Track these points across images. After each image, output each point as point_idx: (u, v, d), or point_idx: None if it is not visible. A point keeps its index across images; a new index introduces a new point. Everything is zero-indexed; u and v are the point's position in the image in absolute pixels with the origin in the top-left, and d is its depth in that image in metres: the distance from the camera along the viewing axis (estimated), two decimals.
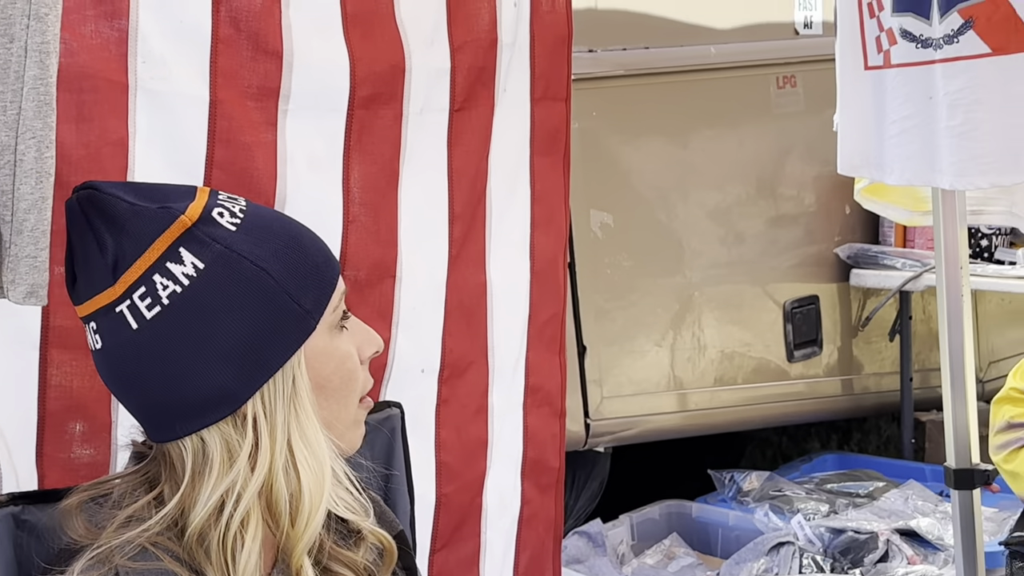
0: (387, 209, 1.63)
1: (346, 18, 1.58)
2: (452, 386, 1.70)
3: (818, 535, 2.92)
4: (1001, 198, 2.18)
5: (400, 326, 1.64)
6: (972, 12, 1.83)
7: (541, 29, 1.74)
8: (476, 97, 1.69)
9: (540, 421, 1.81)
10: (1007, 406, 2.02)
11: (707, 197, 3.33)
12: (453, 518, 1.70)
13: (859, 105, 2.01)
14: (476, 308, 1.71)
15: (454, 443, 1.70)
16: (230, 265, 1.13)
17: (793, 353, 3.45)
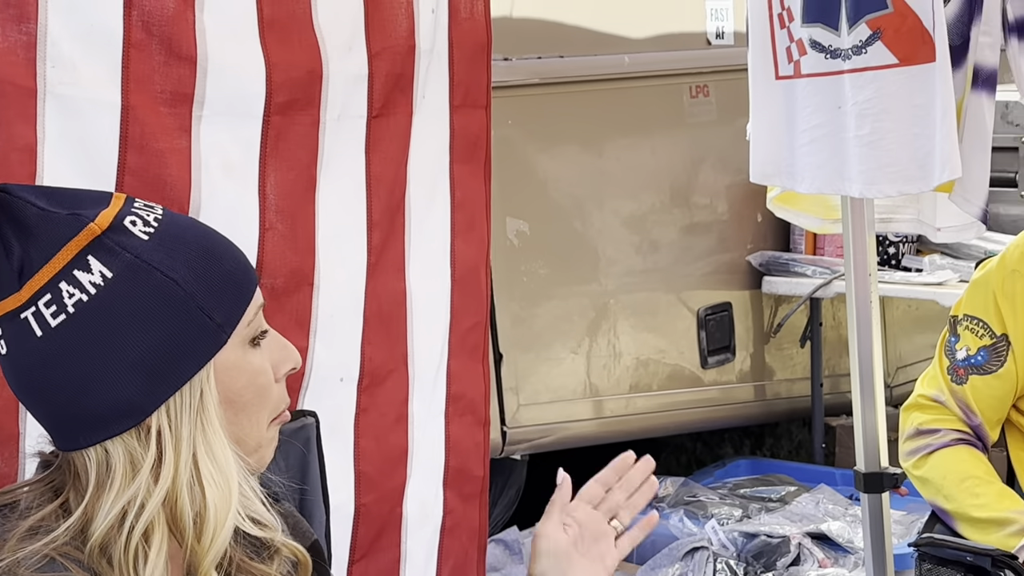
0: (304, 216, 1.62)
1: (262, 23, 1.57)
2: (371, 395, 1.69)
3: (731, 540, 2.96)
4: (908, 206, 2.22)
5: (318, 334, 1.63)
6: (880, 23, 1.88)
7: (460, 36, 1.74)
8: (394, 104, 1.69)
9: (463, 430, 1.80)
10: (915, 413, 2.07)
11: (622, 205, 3.36)
12: (372, 528, 1.69)
13: (770, 114, 2.04)
14: (395, 316, 1.70)
15: (373, 452, 1.69)
16: (139, 275, 1.12)
17: (707, 360, 3.49)
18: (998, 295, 2.02)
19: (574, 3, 3.24)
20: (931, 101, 1.86)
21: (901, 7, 1.87)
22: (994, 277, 2.04)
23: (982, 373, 2.00)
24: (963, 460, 1.99)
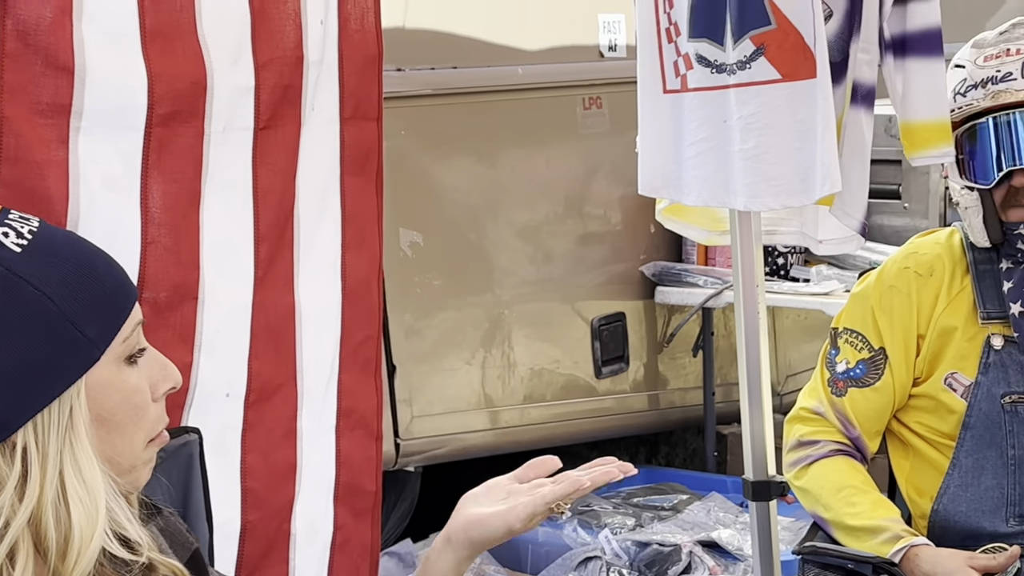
0: (188, 230, 1.60)
1: (144, 33, 1.55)
2: (259, 410, 1.67)
3: (624, 549, 2.99)
4: (792, 219, 2.26)
5: (203, 349, 1.61)
6: (763, 39, 1.91)
7: (350, 47, 1.74)
8: (282, 116, 1.68)
9: (354, 444, 1.79)
10: (797, 425, 2.11)
11: (516, 216, 3.37)
12: (259, 545, 1.68)
13: (658, 127, 2.06)
14: (284, 330, 1.69)
15: (261, 469, 1.68)
16: (9, 288, 1.10)
17: (601, 369, 3.52)
18: (876, 309, 2.07)
19: (468, 14, 3.25)
20: (812, 116, 1.90)
21: (784, 24, 1.91)
22: (872, 292, 2.09)
23: (860, 386, 2.05)
24: (840, 470, 2.03)
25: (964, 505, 2.00)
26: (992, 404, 2.00)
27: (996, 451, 1.99)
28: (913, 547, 1.92)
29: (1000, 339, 2.02)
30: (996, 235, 2.01)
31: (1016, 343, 2.01)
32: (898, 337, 2.05)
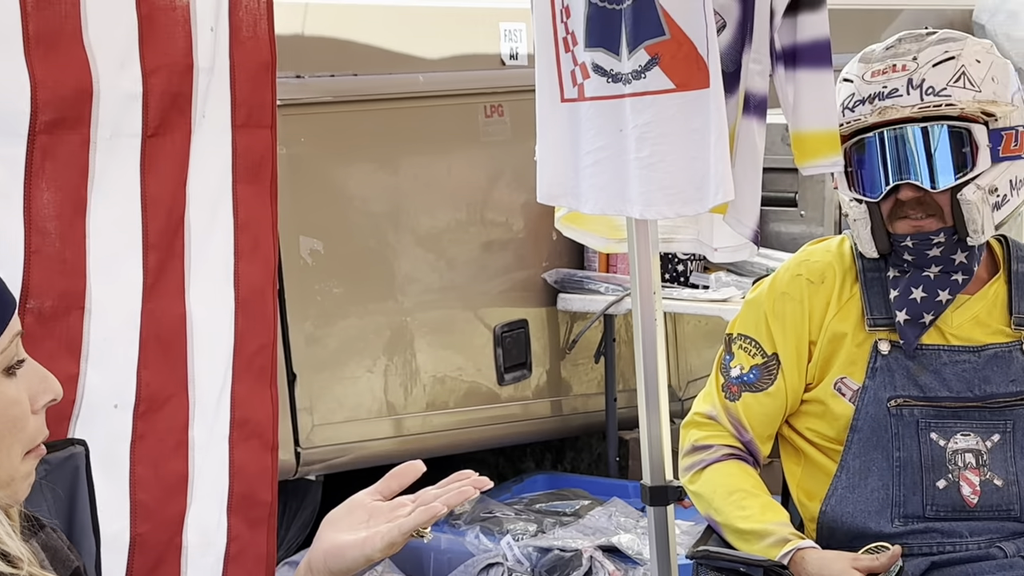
0: (74, 238, 1.57)
1: (27, 38, 1.52)
2: (149, 421, 1.65)
3: (526, 555, 3.00)
4: (688, 227, 2.28)
5: (90, 360, 1.59)
6: (657, 49, 1.94)
7: (242, 55, 1.73)
8: (172, 123, 1.66)
9: (248, 455, 1.77)
10: (692, 430, 2.13)
11: (418, 223, 3.37)
12: (150, 558, 1.66)
13: (556, 136, 2.08)
14: (175, 339, 1.67)
15: (151, 480, 1.65)
16: None
17: (504, 376, 3.53)
18: (768, 316, 2.10)
19: (368, 22, 3.24)
20: (706, 125, 1.93)
21: (677, 34, 1.93)
22: (765, 298, 2.13)
23: (753, 391, 2.07)
24: (732, 474, 2.06)
25: (851, 506, 2.04)
26: (879, 408, 2.04)
27: (882, 453, 2.03)
28: (799, 550, 1.95)
29: (887, 344, 2.06)
30: (883, 246, 2.06)
31: (902, 348, 2.06)
32: (790, 343, 2.08)
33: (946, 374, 2.05)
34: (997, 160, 2.01)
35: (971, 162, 2.00)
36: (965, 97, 1.99)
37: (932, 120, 2.00)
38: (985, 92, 2.00)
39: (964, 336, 2.07)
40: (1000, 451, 2.03)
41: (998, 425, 2.04)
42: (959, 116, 2.00)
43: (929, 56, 2.01)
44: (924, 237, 2.03)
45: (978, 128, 2.00)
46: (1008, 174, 2.02)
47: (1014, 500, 2.03)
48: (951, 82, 1.99)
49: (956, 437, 2.03)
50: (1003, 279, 2.11)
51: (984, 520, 2.02)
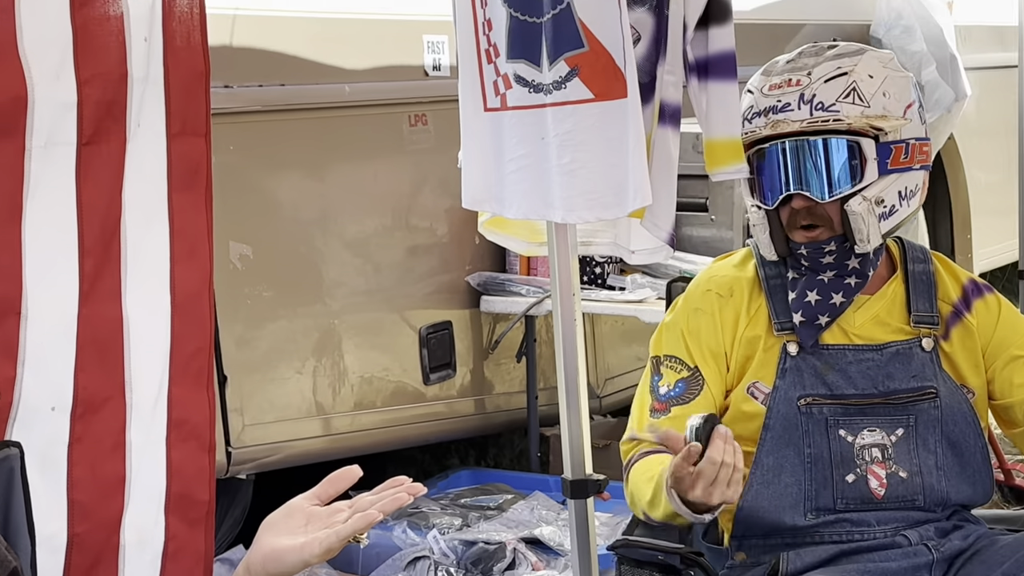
0: (10, 244, 1.55)
1: None
2: (86, 423, 1.63)
3: (452, 548, 3.00)
4: (607, 230, 2.29)
5: (27, 364, 1.57)
6: (577, 61, 1.94)
7: (176, 64, 1.71)
8: (106, 131, 1.64)
9: (186, 455, 1.76)
10: (627, 454, 2.10)
11: (345, 229, 3.36)
12: (87, 557, 1.63)
13: (480, 144, 2.08)
14: (112, 343, 1.65)
15: (88, 481, 1.63)
16: None
17: (429, 376, 3.52)
18: (685, 333, 2.11)
19: (295, 33, 3.22)
20: (624, 134, 1.93)
21: (596, 46, 1.94)
22: (680, 316, 2.15)
23: (682, 403, 2.07)
24: (648, 463, 2.03)
25: (766, 502, 2.06)
26: (789, 407, 2.06)
27: (794, 450, 2.06)
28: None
29: (795, 346, 2.09)
30: (782, 249, 2.09)
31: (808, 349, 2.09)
32: (708, 355, 2.10)
33: (851, 372, 2.08)
34: (885, 172, 2.05)
35: (859, 174, 2.04)
36: (853, 112, 2.02)
37: (822, 134, 2.03)
38: (874, 107, 2.03)
39: (866, 335, 2.11)
40: (904, 444, 2.07)
41: (901, 420, 2.07)
42: (848, 130, 2.03)
43: (822, 72, 2.05)
44: (817, 246, 2.07)
45: (867, 142, 2.04)
46: (897, 185, 2.06)
47: (918, 491, 2.06)
48: (840, 97, 2.03)
49: (863, 433, 2.06)
50: (900, 279, 2.15)
51: (890, 510, 2.05)
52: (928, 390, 2.08)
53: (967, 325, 2.14)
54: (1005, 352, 2.13)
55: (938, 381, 2.09)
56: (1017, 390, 2.12)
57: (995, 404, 2.16)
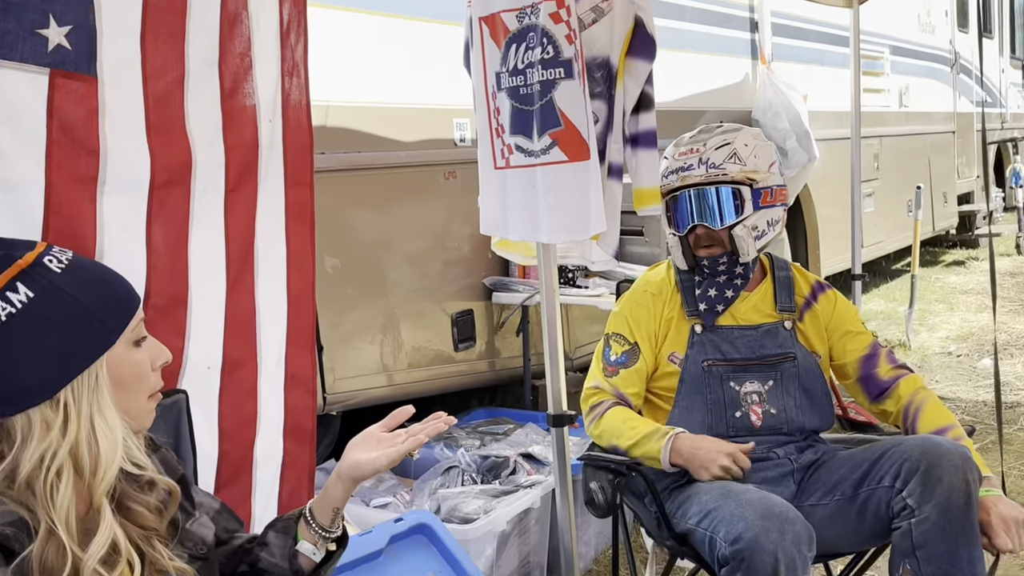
0: (181, 259, 1.55)
1: (148, 126, 1.50)
2: (230, 377, 1.63)
3: (473, 460, 3.00)
4: (576, 248, 2.30)
5: (191, 338, 1.56)
6: (556, 136, 1.95)
7: (290, 137, 1.71)
8: (244, 182, 1.64)
9: (297, 398, 1.74)
10: (589, 400, 2.11)
11: (402, 248, 3.36)
12: (231, 467, 1.63)
13: (492, 191, 2.09)
14: (247, 323, 1.65)
15: (231, 416, 1.63)
16: (52, 296, 1.08)
17: (458, 346, 3.53)
18: (628, 319, 2.12)
19: (367, 117, 3.23)
20: (587, 184, 1.95)
21: (569, 126, 1.95)
22: (625, 307, 2.15)
23: (626, 367, 2.09)
24: (621, 411, 2.06)
25: None
26: (696, 367, 2.07)
27: (700, 397, 2.06)
28: (677, 435, 1.96)
29: (700, 326, 2.10)
30: (691, 262, 2.10)
31: (707, 329, 2.09)
32: (643, 334, 2.11)
33: (737, 343, 2.09)
34: (758, 208, 2.06)
35: (741, 210, 2.05)
36: (734, 169, 2.04)
37: (715, 183, 2.04)
38: (748, 165, 2.05)
39: (747, 319, 2.12)
40: (774, 392, 2.08)
41: (771, 375, 2.08)
42: (731, 180, 2.04)
43: (713, 143, 2.06)
44: (714, 260, 2.07)
45: (744, 188, 2.05)
46: (766, 216, 2.08)
47: (783, 422, 2.07)
48: (726, 160, 2.04)
49: (745, 384, 2.07)
50: (770, 281, 2.16)
51: (764, 435, 2.06)
52: (789, 355, 2.09)
53: (815, 311, 2.15)
54: (840, 328, 2.15)
55: (796, 349, 2.10)
56: (848, 354, 2.13)
57: (834, 364, 2.17)
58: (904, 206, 6.70)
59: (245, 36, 1.58)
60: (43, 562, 1.05)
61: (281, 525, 1.33)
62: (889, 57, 6.62)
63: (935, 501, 1.76)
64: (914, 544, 1.76)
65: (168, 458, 1.29)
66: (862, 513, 1.89)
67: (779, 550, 1.69)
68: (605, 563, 2.99)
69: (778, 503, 1.78)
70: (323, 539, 1.32)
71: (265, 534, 1.34)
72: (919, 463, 1.81)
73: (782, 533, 1.70)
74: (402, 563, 2.27)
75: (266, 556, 1.31)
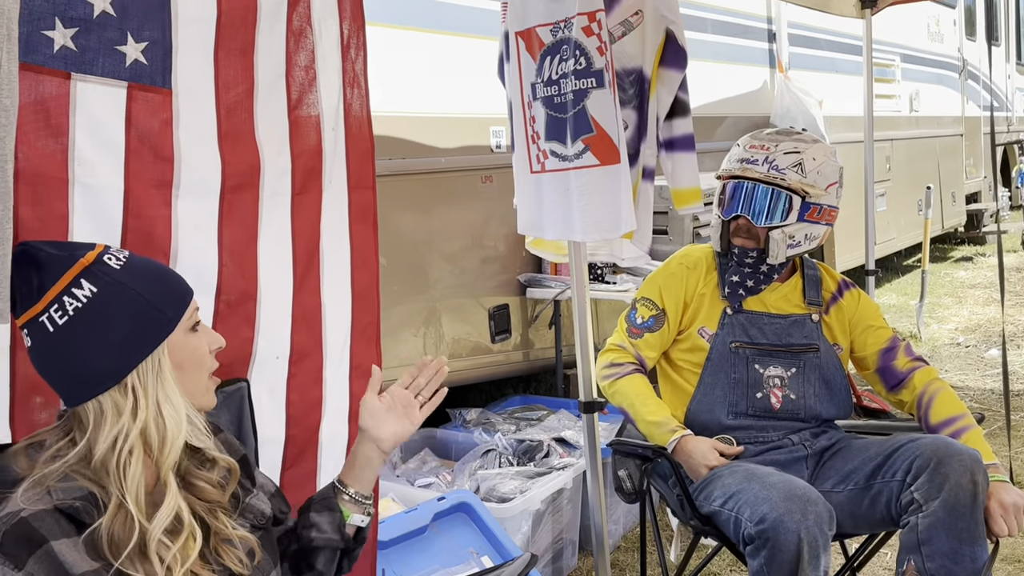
0: (250, 257, 1.56)
1: (221, 136, 1.51)
2: (297, 366, 1.64)
3: (510, 444, 3.01)
4: (606, 246, 2.30)
5: (260, 330, 1.58)
6: (588, 141, 1.95)
7: (353, 144, 1.70)
8: (310, 186, 1.65)
9: (361, 387, 1.72)
10: (609, 354, 2.13)
11: (443, 247, 3.38)
12: (296, 450, 1.65)
13: (528, 193, 2.09)
14: (313, 318, 1.65)
15: (298, 402, 1.64)
16: (114, 290, 1.11)
17: (495, 338, 3.54)
18: (661, 286, 2.13)
19: (412, 126, 3.25)
20: (619, 186, 1.94)
21: (601, 132, 1.95)
22: (660, 275, 2.16)
23: (651, 331, 2.09)
24: (639, 381, 2.07)
25: (705, 406, 2.07)
26: (724, 347, 2.07)
27: (725, 375, 2.06)
28: (683, 438, 1.97)
29: (731, 308, 2.09)
30: (725, 246, 2.10)
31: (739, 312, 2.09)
32: (671, 303, 2.11)
33: (765, 329, 2.08)
34: (801, 219, 2.05)
35: (785, 216, 2.04)
36: (794, 178, 2.03)
37: (771, 184, 2.03)
38: (809, 179, 2.04)
39: (777, 308, 2.11)
40: (795, 378, 2.07)
41: (794, 362, 2.07)
42: (788, 187, 2.03)
43: (785, 147, 2.05)
44: (744, 251, 2.06)
45: (796, 198, 2.03)
46: (806, 229, 2.07)
47: (800, 408, 2.06)
48: (790, 167, 2.03)
49: (769, 368, 2.06)
50: (799, 276, 2.15)
51: (782, 420, 2.05)
52: (812, 346, 2.08)
53: (841, 305, 2.14)
54: (863, 323, 2.14)
55: (820, 342, 2.09)
56: (869, 347, 2.12)
57: (855, 356, 2.16)
58: (915, 205, 6.61)
59: (309, 50, 1.59)
60: (111, 534, 1.08)
61: (320, 504, 1.36)
62: (900, 64, 6.52)
63: (942, 498, 1.75)
64: (919, 540, 1.75)
65: (229, 440, 1.32)
66: (874, 504, 1.88)
67: (802, 530, 1.68)
68: (633, 540, 2.99)
69: (800, 485, 1.77)
70: (365, 505, 1.34)
71: (307, 516, 1.36)
72: (930, 460, 1.80)
73: (805, 514, 1.70)
74: (444, 538, 2.29)
75: (317, 535, 1.34)
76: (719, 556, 2.73)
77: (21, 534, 1.04)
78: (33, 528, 1.05)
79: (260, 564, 1.24)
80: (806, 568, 1.67)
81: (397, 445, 1.35)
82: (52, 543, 1.05)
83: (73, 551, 1.06)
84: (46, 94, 1.32)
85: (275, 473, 1.62)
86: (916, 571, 1.74)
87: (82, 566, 1.06)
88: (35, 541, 1.04)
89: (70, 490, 1.08)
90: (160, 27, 1.40)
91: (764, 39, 5.02)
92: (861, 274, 4.28)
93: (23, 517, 1.05)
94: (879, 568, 2.74)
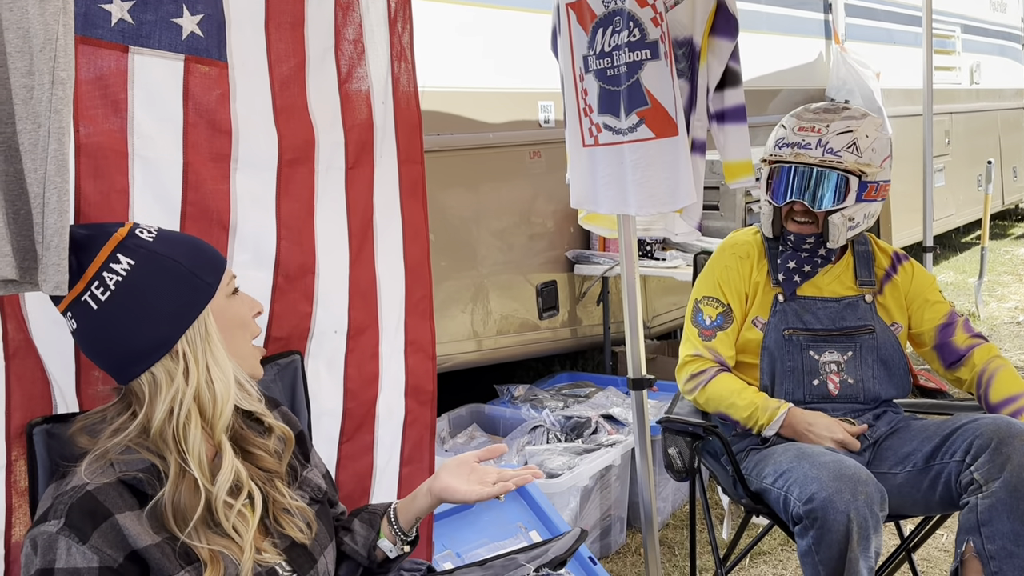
0: (307, 231, 1.57)
1: (276, 110, 1.51)
2: (355, 341, 1.64)
3: (558, 421, 3.01)
4: (658, 221, 2.26)
5: (318, 304, 1.59)
6: (643, 114, 1.91)
7: (401, 118, 1.70)
8: (362, 160, 1.64)
9: (417, 362, 1.72)
10: (687, 367, 2.06)
11: (490, 223, 3.36)
12: (354, 423, 1.66)
13: (581, 167, 2.06)
14: (369, 292, 1.66)
15: (356, 376, 1.65)
16: (152, 259, 1.11)
17: (542, 314, 3.53)
18: (720, 281, 2.07)
19: (460, 101, 3.23)
20: (677, 159, 1.90)
21: (656, 104, 1.90)
22: (714, 269, 2.10)
23: (722, 330, 2.04)
24: (729, 379, 2.01)
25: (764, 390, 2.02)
26: (778, 335, 2.02)
27: (780, 364, 2.02)
28: (791, 410, 1.92)
29: (782, 296, 2.04)
30: (777, 231, 2.04)
31: (791, 298, 2.03)
32: (734, 296, 2.06)
33: (819, 314, 2.03)
34: (860, 200, 1.98)
35: (843, 198, 1.97)
36: (850, 159, 1.96)
37: (826, 167, 1.96)
38: (864, 158, 1.96)
39: (830, 291, 2.05)
40: (852, 362, 2.01)
41: (851, 346, 2.02)
42: (844, 168, 1.96)
43: (836, 127, 1.98)
44: (801, 236, 2.01)
45: (853, 179, 1.97)
46: (865, 209, 2.00)
47: (859, 391, 2.01)
48: (844, 148, 1.96)
49: (825, 353, 2.01)
50: (851, 254, 2.09)
51: (840, 403, 2.00)
52: (868, 327, 2.02)
53: (895, 282, 2.07)
54: (919, 297, 2.07)
55: (875, 322, 2.03)
56: (926, 323, 2.06)
57: (912, 332, 2.10)
58: (974, 180, 6.38)
59: (357, 23, 1.58)
60: (176, 502, 1.10)
61: (367, 516, 1.37)
62: (960, 35, 6.27)
63: (1003, 479, 1.68)
64: (979, 520, 1.69)
65: (287, 415, 1.34)
66: (933, 486, 1.82)
67: (852, 510, 1.64)
68: (682, 518, 2.96)
69: (851, 465, 1.72)
70: (401, 541, 1.35)
71: (351, 520, 1.37)
72: (990, 440, 1.73)
73: (855, 494, 1.66)
74: (494, 513, 2.30)
75: (349, 542, 1.35)
76: (770, 535, 2.70)
77: (86, 507, 1.06)
78: (98, 501, 1.06)
79: (317, 535, 1.25)
80: (855, 549, 1.63)
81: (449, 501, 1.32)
82: (117, 516, 1.07)
83: (137, 524, 1.08)
84: (105, 68, 1.33)
85: (332, 446, 1.63)
86: (975, 552, 1.69)
87: (145, 539, 1.07)
88: (100, 514, 1.06)
89: (132, 462, 1.10)
90: (213, 0, 1.40)
91: (820, 10, 4.86)
92: (919, 251, 4.15)
93: (89, 491, 1.07)
94: (935, 550, 2.67)
